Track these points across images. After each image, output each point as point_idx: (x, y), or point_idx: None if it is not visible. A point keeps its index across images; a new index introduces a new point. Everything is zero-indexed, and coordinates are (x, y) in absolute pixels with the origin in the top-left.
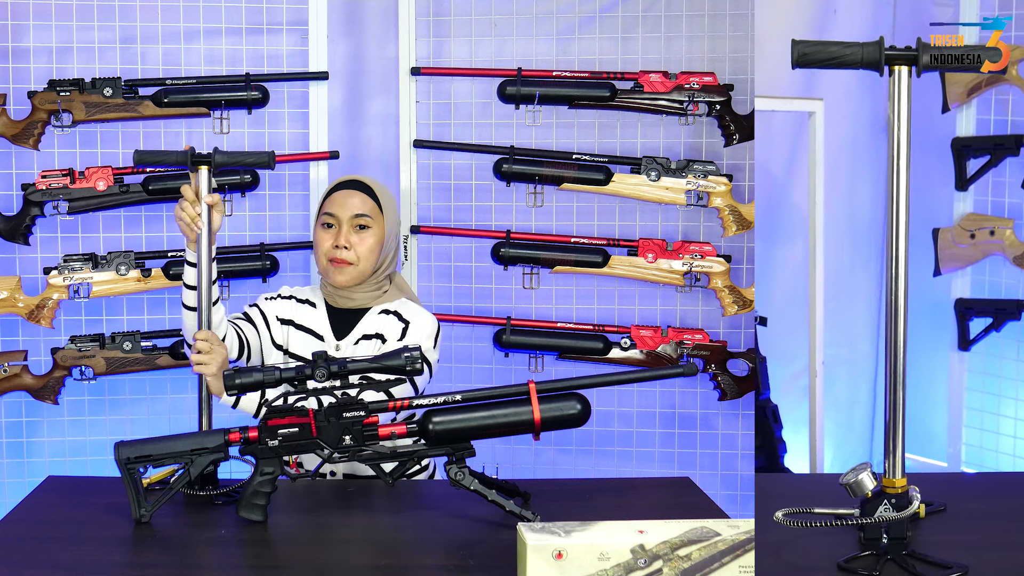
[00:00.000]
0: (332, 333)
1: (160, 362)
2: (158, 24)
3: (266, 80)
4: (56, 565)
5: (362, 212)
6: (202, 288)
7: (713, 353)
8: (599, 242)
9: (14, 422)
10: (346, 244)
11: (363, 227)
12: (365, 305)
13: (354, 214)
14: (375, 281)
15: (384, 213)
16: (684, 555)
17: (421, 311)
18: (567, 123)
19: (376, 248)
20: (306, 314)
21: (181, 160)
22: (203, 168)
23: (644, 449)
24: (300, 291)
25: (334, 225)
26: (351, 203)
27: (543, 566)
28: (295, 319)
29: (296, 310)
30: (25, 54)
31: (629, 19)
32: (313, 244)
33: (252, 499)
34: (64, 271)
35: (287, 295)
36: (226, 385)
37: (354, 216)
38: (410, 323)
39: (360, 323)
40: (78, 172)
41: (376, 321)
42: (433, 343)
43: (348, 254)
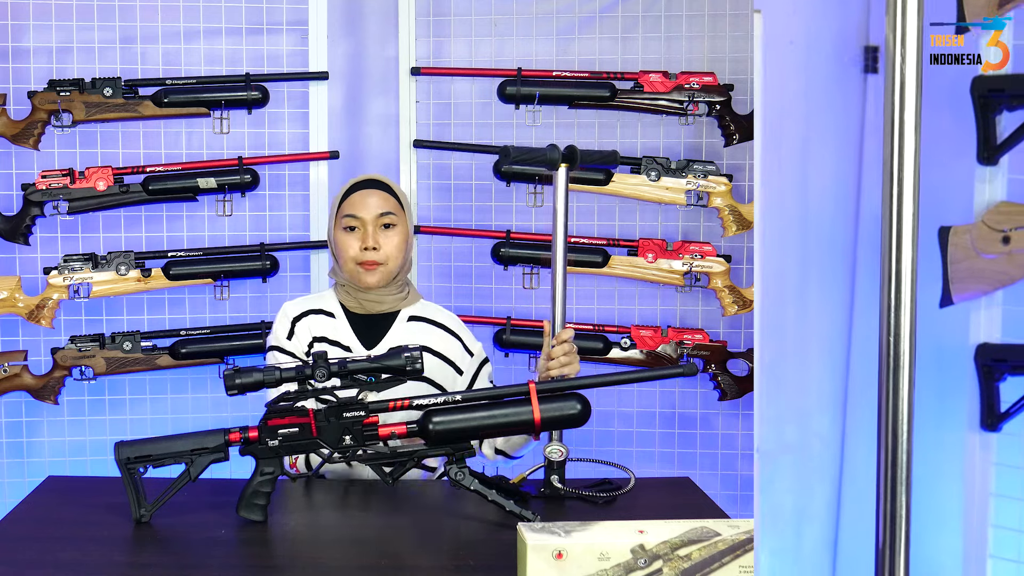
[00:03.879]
0: (359, 343)
1: (160, 362)
2: (158, 24)
3: (266, 80)
4: (56, 565)
5: (386, 210)
6: (556, 282)
7: (713, 353)
8: (599, 242)
9: (14, 422)
10: (375, 245)
11: (388, 225)
12: (393, 308)
13: (379, 213)
14: (399, 282)
15: (405, 210)
16: (684, 555)
17: (467, 330)
18: (567, 123)
19: (403, 246)
20: (327, 326)
21: (552, 158)
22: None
23: (644, 449)
24: (305, 302)
25: (357, 227)
26: (372, 202)
27: (543, 566)
28: (317, 334)
29: (315, 326)
30: (25, 54)
31: (629, 19)
32: (335, 250)
33: (252, 499)
34: (64, 271)
35: (296, 314)
36: (226, 385)
37: (379, 215)
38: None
39: (391, 331)
40: (78, 172)
41: (408, 330)
42: None
43: (377, 255)
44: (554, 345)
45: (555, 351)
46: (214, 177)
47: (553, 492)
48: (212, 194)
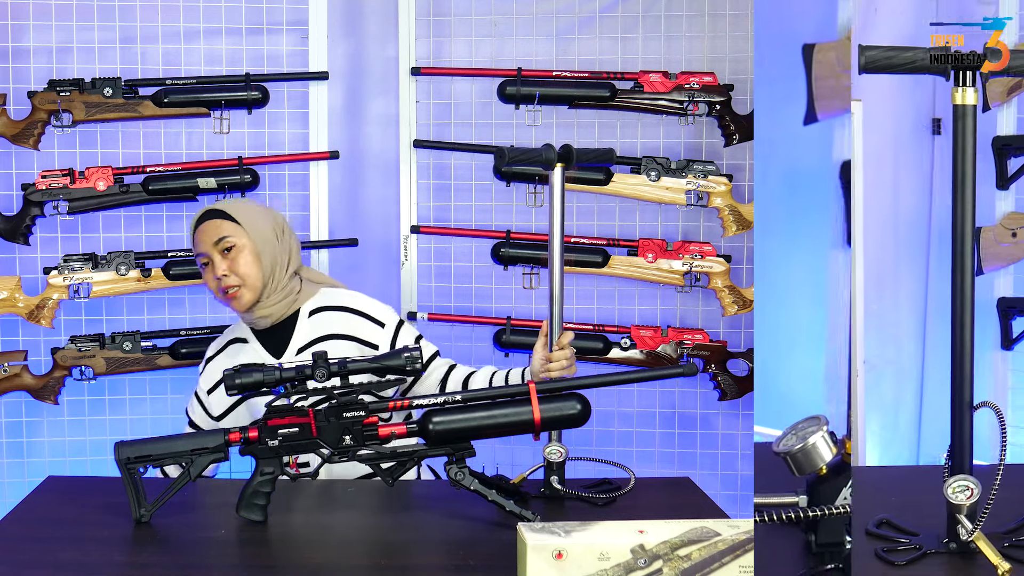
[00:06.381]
0: (270, 355)
1: (160, 362)
2: (158, 24)
3: (266, 80)
4: (56, 565)
5: (220, 236)
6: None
7: (713, 353)
8: (599, 242)
9: (14, 422)
10: (224, 272)
11: (228, 248)
12: (286, 315)
13: (214, 241)
14: (279, 291)
15: (243, 224)
16: (684, 555)
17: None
18: (567, 123)
19: (254, 263)
20: (240, 354)
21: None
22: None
23: (644, 449)
24: (223, 339)
25: (208, 262)
26: (208, 234)
27: (543, 566)
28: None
29: (232, 358)
30: (25, 54)
31: (629, 19)
32: None
33: (252, 499)
34: (64, 271)
35: (211, 355)
36: (226, 385)
37: (215, 243)
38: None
39: (295, 334)
40: (78, 172)
41: (311, 325)
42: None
43: (231, 280)
44: (554, 350)
45: (555, 355)
46: (214, 177)
47: (553, 493)
48: (212, 194)
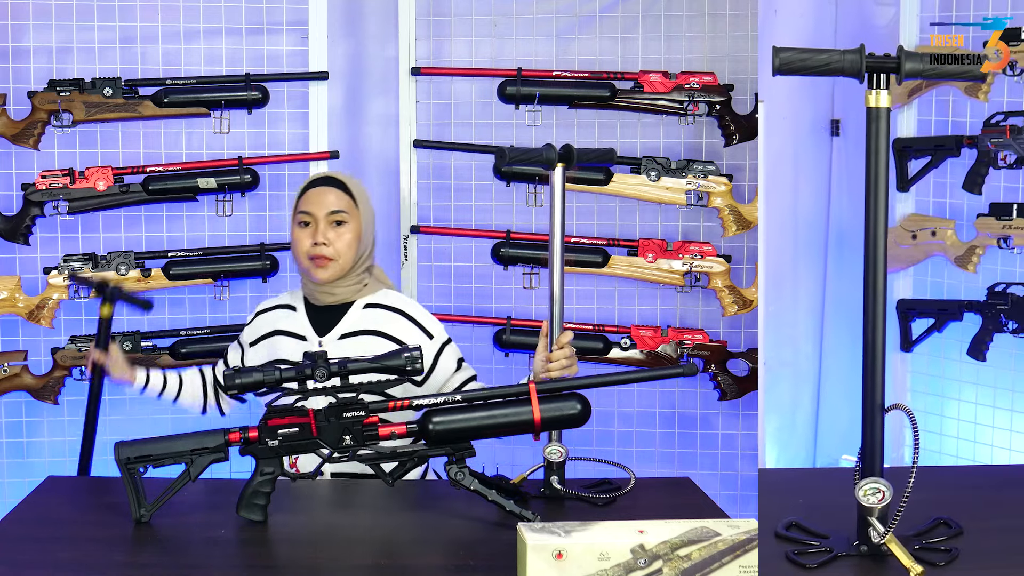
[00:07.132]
0: (313, 331)
1: (160, 362)
2: (158, 24)
3: (266, 80)
4: (56, 565)
5: (337, 208)
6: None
7: (713, 353)
8: (599, 242)
9: (14, 422)
10: (325, 241)
11: (340, 223)
12: (347, 300)
13: (330, 211)
14: (355, 275)
15: (359, 207)
16: (684, 555)
17: (426, 313)
18: (567, 123)
19: (354, 243)
20: (287, 319)
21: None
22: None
23: (644, 449)
24: (277, 299)
25: (311, 223)
26: (326, 200)
27: (543, 566)
28: (278, 327)
29: (276, 319)
30: (25, 54)
31: (629, 19)
32: (291, 244)
33: (252, 499)
34: (64, 271)
35: (262, 309)
36: (227, 385)
37: (330, 213)
38: (420, 323)
39: (344, 319)
40: (78, 172)
41: (363, 317)
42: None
43: (328, 250)
44: (554, 349)
45: (555, 355)
46: (214, 177)
47: (553, 493)
48: (212, 194)
